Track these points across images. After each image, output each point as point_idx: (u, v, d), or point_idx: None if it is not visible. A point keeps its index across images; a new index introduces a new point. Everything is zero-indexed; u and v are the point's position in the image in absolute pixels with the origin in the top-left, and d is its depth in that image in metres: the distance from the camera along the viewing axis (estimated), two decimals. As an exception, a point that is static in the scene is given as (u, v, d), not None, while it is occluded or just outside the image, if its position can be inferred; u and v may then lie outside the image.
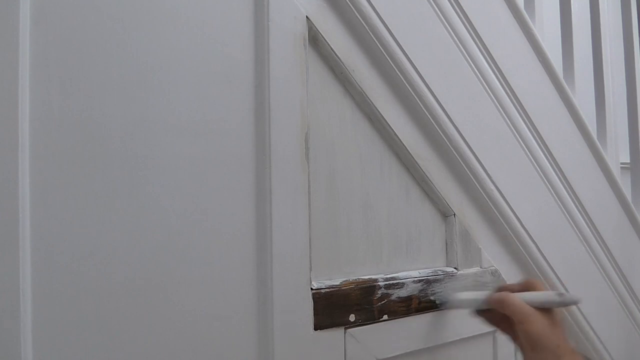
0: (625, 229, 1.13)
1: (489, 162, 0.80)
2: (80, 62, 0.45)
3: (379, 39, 0.66)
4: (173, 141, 0.50)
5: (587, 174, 1.02)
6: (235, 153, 0.54)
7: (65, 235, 0.44)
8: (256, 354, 0.54)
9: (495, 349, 0.81)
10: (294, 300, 0.56)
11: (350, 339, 0.62)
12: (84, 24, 0.45)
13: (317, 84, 0.63)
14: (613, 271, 1.06)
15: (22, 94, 0.42)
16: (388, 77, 0.68)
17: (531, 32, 0.90)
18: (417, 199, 0.74)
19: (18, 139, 0.41)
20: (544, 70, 0.93)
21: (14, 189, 0.41)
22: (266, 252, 0.55)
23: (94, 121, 0.46)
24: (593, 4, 1.14)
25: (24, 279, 0.41)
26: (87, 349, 0.44)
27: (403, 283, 0.68)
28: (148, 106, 0.49)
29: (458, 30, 0.77)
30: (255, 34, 0.56)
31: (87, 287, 0.44)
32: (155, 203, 0.49)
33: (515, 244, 0.85)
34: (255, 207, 0.55)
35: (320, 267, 0.61)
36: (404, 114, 0.71)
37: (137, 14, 0.48)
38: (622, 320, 1.10)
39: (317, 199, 0.61)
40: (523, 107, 0.87)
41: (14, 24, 0.41)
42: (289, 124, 0.57)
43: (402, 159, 0.72)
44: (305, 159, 0.59)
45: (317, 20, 0.61)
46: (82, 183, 0.45)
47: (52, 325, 0.43)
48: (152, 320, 0.48)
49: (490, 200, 0.80)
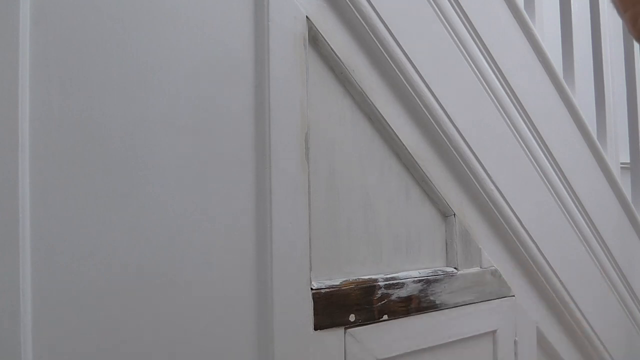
0: (625, 229, 1.13)
1: (489, 162, 0.80)
2: (80, 62, 0.45)
3: (379, 39, 0.66)
4: (173, 141, 0.50)
5: (587, 174, 1.02)
6: (235, 153, 0.54)
7: (65, 235, 0.44)
8: (256, 354, 0.54)
9: (495, 349, 0.81)
10: (294, 300, 0.56)
11: (350, 339, 0.62)
12: (84, 24, 0.45)
13: (317, 84, 0.62)
14: (613, 271, 1.06)
15: (22, 94, 0.42)
16: (388, 77, 0.68)
17: (531, 32, 0.90)
18: (417, 199, 0.74)
19: (18, 139, 0.41)
20: (544, 70, 0.93)
21: (14, 189, 0.41)
22: (266, 252, 0.55)
23: (94, 121, 0.45)
24: (593, 4, 1.14)
25: (24, 279, 0.41)
26: (87, 348, 0.44)
27: (403, 283, 0.68)
28: (148, 106, 0.49)
29: (458, 30, 0.77)
30: (255, 34, 0.56)
31: (87, 287, 0.44)
32: (155, 203, 0.49)
33: (515, 244, 0.85)
34: (255, 207, 0.55)
35: (320, 267, 0.61)
36: (404, 114, 0.71)
37: (137, 14, 0.48)
38: (622, 320, 1.10)
39: (317, 199, 0.61)
40: (523, 107, 0.87)
41: (14, 24, 0.41)
42: (289, 124, 0.57)
43: (402, 159, 0.72)
44: (305, 159, 0.59)
45: (317, 20, 0.61)
46: (82, 183, 0.45)
47: (52, 325, 0.43)
48: (152, 319, 0.48)
49: (490, 200, 0.80)
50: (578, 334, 0.97)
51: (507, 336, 0.83)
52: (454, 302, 0.74)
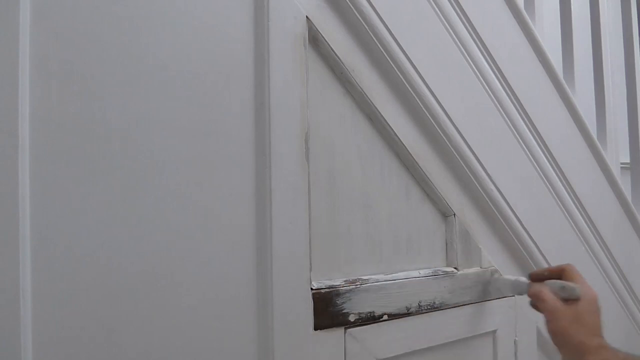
0: (625, 229, 1.13)
1: (489, 162, 0.80)
2: (80, 62, 0.45)
3: (379, 39, 0.66)
4: (173, 141, 0.50)
5: (587, 174, 1.02)
6: (235, 153, 0.54)
7: (65, 235, 0.44)
8: (256, 354, 0.54)
9: (495, 349, 0.81)
10: (294, 300, 0.56)
11: (350, 339, 0.62)
12: (84, 24, 0.45)
13: (317, 84, 0.62)
14: (613, 271, 1.06)
15: (22, 94, 0.42)
16: (388, 77, 0.68)
17: (531, 32, 0.90)
18: (417, 199, 0.74)
19: (18, 139, 0.41)
20: (544, 70, 0.93)
21: (14, 189, 0.41)
22: (266, 252, 0.55)
23: (94, 121, 0.45)
24: (593, 4, 1.14)
25: (24, 279, 0.41)
26: (87, 349, 0.44)
27: (403, 283, 0.68)
28: (148, 106, 0.49)
29: (458, 30, 0.77)
30: (255, 34, 0.56)
31: (87, 287, 0.44)
32: (155, 203, 0.49)
33: (515, 243, 0.85)
34: (255, 207, 0.55)
35: (320, 267, 0.61)
36: (404, 114, 0.71)
37: (137, 14, 0.48)
38: (622, 320, 1.10)
39: (317, 199, 0.61)
40: (523, 107, 0.87)
41: (14, 23, 0.41)
42: (289, 124, 0.57)
43: (402, 159, 0.72)
44: (305, 159, 0.59)
45: (317, 20, 0.61)
46: (82, 183, 0.45)
47: (52, 325, 0.43)
48: (152, 320, 0.48)
49: (490, 200, 0.80)
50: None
51: (507, 336, 0.83)
52: (454, 302, 0.74)
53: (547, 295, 0.61)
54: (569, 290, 0.62)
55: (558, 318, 0.59)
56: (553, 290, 0.63)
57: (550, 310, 0.60)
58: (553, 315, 0.59)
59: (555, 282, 0.64)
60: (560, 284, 0.63)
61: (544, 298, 0.61)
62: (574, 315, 0.59)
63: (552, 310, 0.60)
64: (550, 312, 0.60)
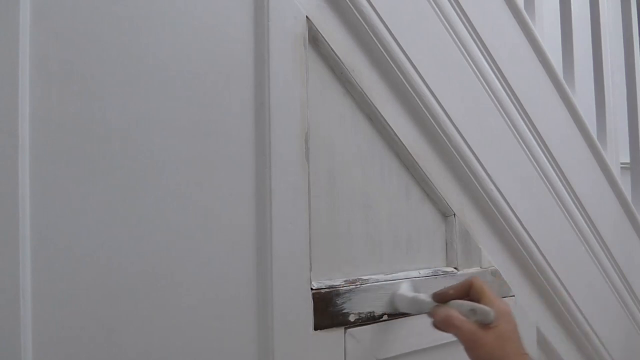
0: (625, 229, 1.13)
1: (489, 162, 0.80)
2: (80, 62, 0.45)
3: (379, 39, 0.66)
4: (173, 141, 0.50)
5: (587, 174, 1.02)
6: (235, 153, 0.54)
7: (65, 235, 0.44)
8: (256, 354, 0.54)
9: (495, 349, 0.81)
10: (294, 300, 0.56)
11: (350, 339, 0.62)
12: (84, 24, 0.45)
13: (317, 84, 0.62)
14: (613, 271, 1.06)
15: (22, 94, 0.42)
16: (388, 77, 0.68)
17: (531, 32, 0.90)
18: (417, 199, 0.74)
19: (18, 139, 0.41)
20: (544, 70, 0.93)
21: (14, 189, 0.41)
22: (266, 252, 0.55)
23: (94, 121, 0.45)
24: (593, 4, 1.14)
25: (24, 279, 0.41)
26: (87, 349, 0.44)
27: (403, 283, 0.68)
28: (148, 106, 0.49)
29: (458, 30, 0.77)
30: (255, 34, 0.56)
31: (87, 287, 0.44)
32: (155, 203, 0.49)
33: (515, 243, 0.85)
34: (255, 207, 0.55)
35: (320, 267, 0.61)
36: (404, 114, 0.71)
37: (137, 14, 0.48)
38: (622, 320, 1.10)
39: (317, 199, 0.61)
40: (523, 107, 0.87)
41: (14, 23, 0.41)
42: (289, 124, 0.57)
43: (402, 159, 0.72)
44: (305, 159, 0.59)
45: (317, 20, 0.61)
46: (82, 183, 0.45)
47: (52, 325, 0.43)
48: (152, 320, 0.48)
49: (490, 200, 0.80)
50: (578, 334, 0.97)
51: (507, 336, 0.83)
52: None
53: (459, 320, 0.54)
54: (481, 315, 0.54)
55: (480, 346, 0.53)
56: (463, 313, 0.55)
57: (470, 338, 0.54)
58: (474, 344, 0.53)
59: (463, 304, 0.56)
60: (470, 306, 0.55)
61: (456, 325, 0.54)
62: (496, 341, 0.54)
63: (472, 339, 0.54)
64: (471, 341, 0.54)
